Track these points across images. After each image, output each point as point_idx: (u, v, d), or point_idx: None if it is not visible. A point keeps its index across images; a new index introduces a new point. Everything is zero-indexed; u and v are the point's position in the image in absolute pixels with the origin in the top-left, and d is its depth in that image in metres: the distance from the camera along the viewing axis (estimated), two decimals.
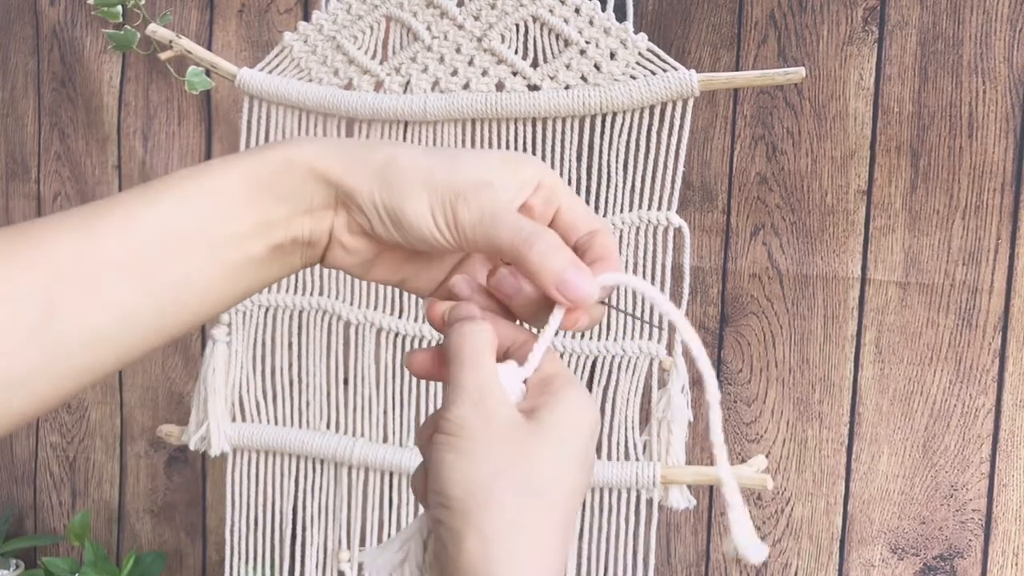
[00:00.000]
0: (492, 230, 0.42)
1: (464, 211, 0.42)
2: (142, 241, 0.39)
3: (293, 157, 0.42)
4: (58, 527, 1.33)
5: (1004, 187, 0.98)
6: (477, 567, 0.37)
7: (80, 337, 0.38)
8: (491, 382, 0.40)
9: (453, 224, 0.42)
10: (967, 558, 1.02)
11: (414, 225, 0.42)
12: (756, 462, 0.96)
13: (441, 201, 0.42)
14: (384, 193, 0.42)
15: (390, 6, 1.00)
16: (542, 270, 0.41)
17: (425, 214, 0.42)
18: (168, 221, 0.40)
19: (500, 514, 0.37)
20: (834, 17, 1.00)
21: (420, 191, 0.42)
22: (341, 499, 1.05)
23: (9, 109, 1.29)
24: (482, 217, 0.42)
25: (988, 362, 1.00)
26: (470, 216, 0.42)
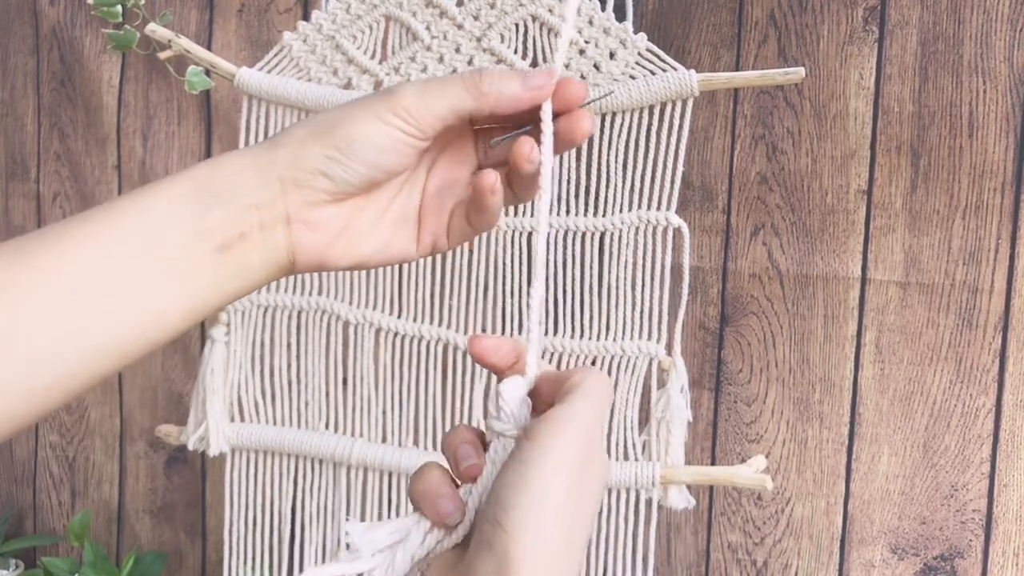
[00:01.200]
0: (441, 90, 0.44)
1: (403, 98, 0.43)
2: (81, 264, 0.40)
3: (220, 163, 0.43)
4: (58, 527, 1.33)
5: (1004, 187, 0.97)
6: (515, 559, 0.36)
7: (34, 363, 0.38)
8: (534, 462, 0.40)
9: (403, 111, 0.43)
10: (967, 558, 1.02)
11: (368, 139, 0.43)
12: (756, 462, 0.96)
13: (377, 105, 0.43)
14: (325, 138, 0.43)
15: (389, 6, 1.00)
16: (506, 85, 0.44)
17: (373, 122, 0.43)
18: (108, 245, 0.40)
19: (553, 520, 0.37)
20: (834, 17, 1.00)
21: (355, 114, 0.43)
22: (340, 499, 1.05)
23: (9, 109, 1.29)
24: (424, 89, 0.44)
25: (988, 362, 0.99)
26: (411, 97, 0.43)
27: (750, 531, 1.07)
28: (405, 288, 1.02)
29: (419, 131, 0.44)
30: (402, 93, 0.43)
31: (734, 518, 1.08)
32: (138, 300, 0.41)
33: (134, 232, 0.41)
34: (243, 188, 0.43)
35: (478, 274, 1.00)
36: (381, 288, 1.03)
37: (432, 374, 1.02)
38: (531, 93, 0.44)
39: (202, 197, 0.42)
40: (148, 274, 0.41)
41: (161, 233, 0.41)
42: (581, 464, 0.38)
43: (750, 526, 1.07)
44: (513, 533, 0.36)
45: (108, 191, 1.25)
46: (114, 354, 0.40)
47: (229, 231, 0.42)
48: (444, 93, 0.44)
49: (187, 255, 0.42)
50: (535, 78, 0.44)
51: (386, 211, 0.47)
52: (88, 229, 0.41)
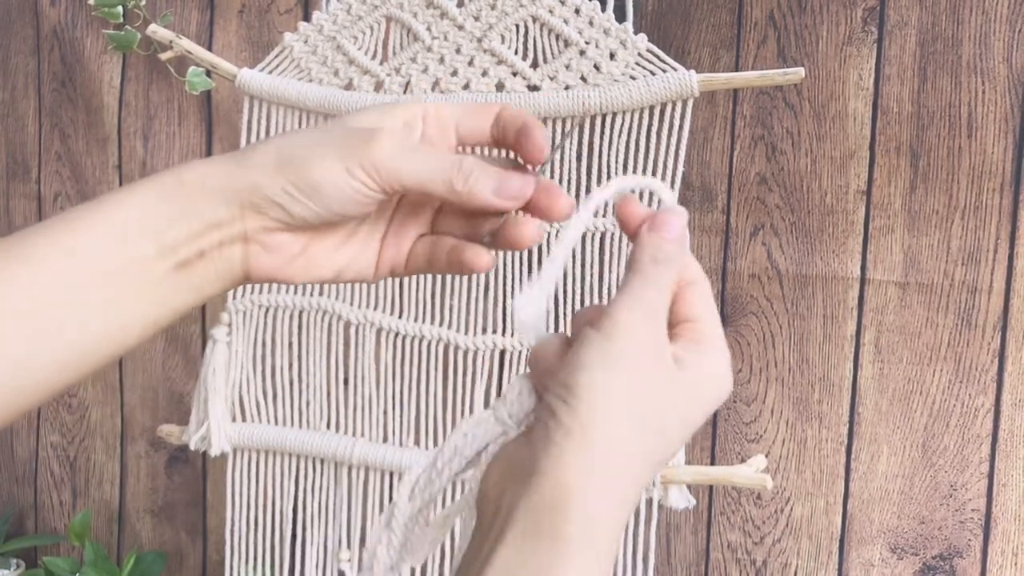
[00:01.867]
0: (414, 163, 0.42)
1: (377, 153, 0.42)
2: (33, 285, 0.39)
3: (184, 176, 0.43)
4: (59, 527, 1.34)
5: (1003, 187, 0.98)
6: (572, 481, 0.35)
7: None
8: (664, 309, 0.39)
9: (371, 167, 0.42)
10: (966, 558, 1.02)
11: (333, 186, 0.42)
12: (756, 462, 0.96)
13: (349, 152, 0.42)
14: (290, 173, 0.42)
15: (390, 7, 1.00)
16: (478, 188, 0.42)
17: (340, 171, 0.42)
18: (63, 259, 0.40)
19: (619, 444, 0.36)
20: (833, 17, 1.00)
21: (325, 154, 0.42)
22: (341, 499, 1.05)
23: (9, 109, 1.30)
24: (400, 154, 0.42)
25: (987, 362, 1.00)
26: (385, 156, 0.42)
27: (750, 531, 1.08)
28: (406, 288, 1.02)
29: (382, 191, 0.43)
30: (377, 148, 0.42)
31: (734, 518, 1.08)
32: (97, 315, 0.40)
33: (96, 247, 0.40)
34: (206, 205, 0.42)
35: (478, 274, 1.01)
36: (382, 288, 1.03)
37: (433, 374, 1.02)
38: (502, 202, 0.43)
39: (166, 212, 0.42)
40: (108, 289, 0.40)
41: (122, 248, 0.41)
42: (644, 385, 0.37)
43: (750, 526, 1.08)
44: (574, 405, 0.36)
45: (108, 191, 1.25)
46: (70, 368, 0.40)
47: (189, 249, 0.42)
48: (419, 168, 0.43)
49: (147, 271, 0.41)
50: (511, 187, 0.43)
51: (347, 240, 0.46)
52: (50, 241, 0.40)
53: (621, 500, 0.36)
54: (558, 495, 0.35)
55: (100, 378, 1.28)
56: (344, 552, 1.05)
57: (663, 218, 0.41)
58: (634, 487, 0.37)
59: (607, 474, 0.35)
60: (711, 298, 0.41)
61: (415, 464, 1.01)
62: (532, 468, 0.36)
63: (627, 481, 0.36)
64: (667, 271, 0.39)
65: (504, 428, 0.41)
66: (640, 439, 0.37)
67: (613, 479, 0.36)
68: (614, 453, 0.36)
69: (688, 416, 0.38)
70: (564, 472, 0.35)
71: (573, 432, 0.36)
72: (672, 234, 0.40)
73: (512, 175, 0.43)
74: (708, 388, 0.39)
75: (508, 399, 0.41)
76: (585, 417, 0.36)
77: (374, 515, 1.04)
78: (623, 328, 0.37)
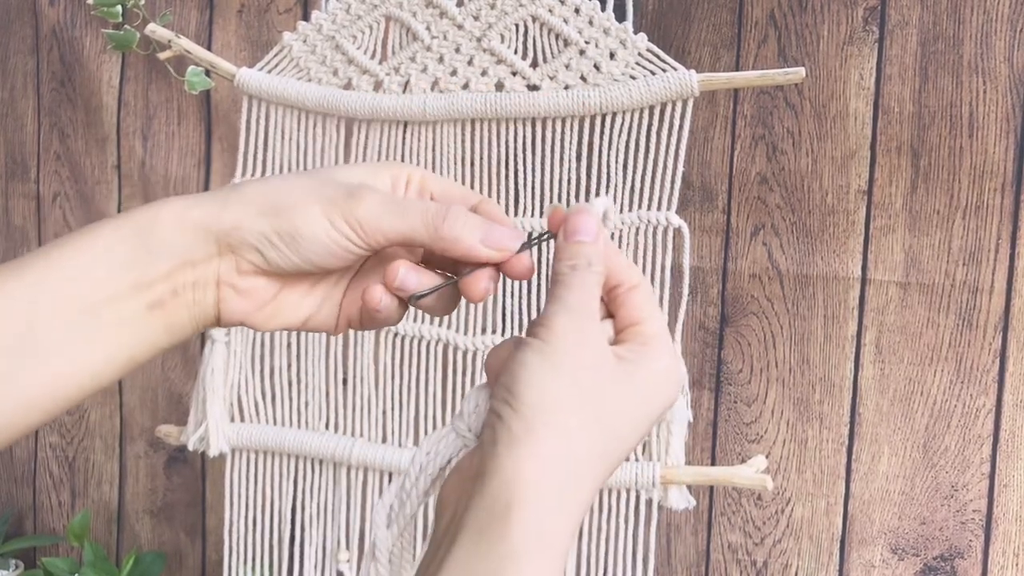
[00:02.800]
0: (399, 218, 0.42)
1: (361, 208, 0.42)
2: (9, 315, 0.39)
3: (161, 212, 0.42)
4: (58, 527, 1.33)
5: (1004, 187, 0.97)
6: (530, 481, 0.35)
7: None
8: (594, 310, 0.40)
9: (355, 222, 0.42)
10: (967, 558, 1.02)
11: (313, 238, 0.42)
12: (756, 462, 0.96)
13: (333, 205, 0.42)
14: (273, 219, 0.42)
15: (389, 6, 1.00)
16: (463, 237, 0.43)
17: (322, 223, 0.42)
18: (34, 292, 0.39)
19: (565, 440, 0.36)
20: (834, 17, 1.00)
21: (309, 204, 0.42)
22: (340, 499, 1.05)
23: (9, 109, 1.29)
24: (384, 208, 0.42)
25: (988, 362, 0.99)
26: (369, 211, 0.42)
27: (750, 531, 1.07)
28: None
29: (365, 245, 0.43)
30: (362, 204, 0.42)
31: (734, 518, 1.08)
32: (69, 355, 0.40)
33: (70, 282, 0.40)
34: (182, 242, 0.42)
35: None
36: None
37: (432, 374, 1.02)
38: (487, 252, 0.43)
39: (144, 247, 0.41)
40: (81, 329, 0.40)
41: (98, 284, 0.40)
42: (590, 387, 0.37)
43: (750, 526, 1.07)
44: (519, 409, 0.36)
45: (108, 191, 1.25)
46: (39, 409, 0.40)
47: (164, 287, 0.42)
48: (403, 219, 0.43)
49: (122, 308, 0.41)
50: (499, 237, 0.43)
51: (313, 289, 0.46)
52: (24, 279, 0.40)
53: (575, 500, 0.36)
54: (506, 497, 0.35)
55: None
56: (343, 552, 1.05)
57: (573, 223, 0.42)
58: (587, 486, 0.37)
59: (557, 474, 0.36)
60: (654, 299, 0.42)
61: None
62: (481, 471, 0.36)
63: (580, 480, 0.36)
64: (588, 274, 0.40)
65: (464, 441, 0.41)
66: (590, 438, 0.37)
67: (564, 479, 0.36)
68: (563, 453, 0.36)
69: (638, 415, 0.39)
70: (512, 473, 0.35)
71: (518, 434, 0.36)
72: (586, 236, 0.41)
73: (497, 226, 0.43)
74: (656, 386, 0.39)
75: (465, 412, 0.41)
76: (530, 418, 0.36)
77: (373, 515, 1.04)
78: (558, 332, 0.38)
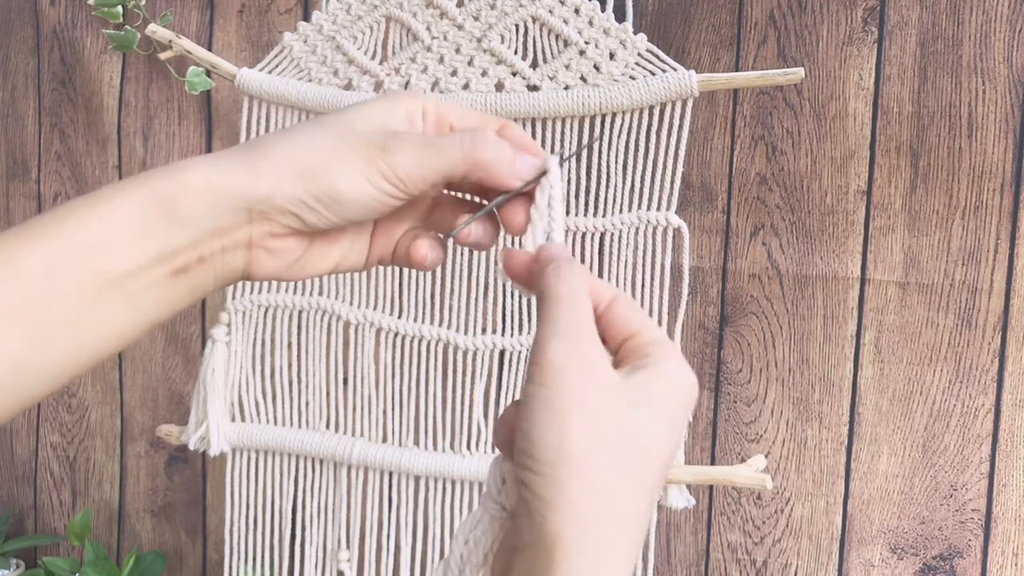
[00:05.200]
0: (437, 158, 0.42)
1: (399, 161, 0.42)
2: (25, 286, 0.37)
3: (187, 180, 0.40)
4: (58, 527, 1.34)
5: (1004, 187, 0.98)
6: (567, 539, 0.34)
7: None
8: (588, 322, 0.38)
9: (394, 176, 0.42)
10: (967, 558, 1.02)
11: (354, 197, 0.42)
12: (755, 462, 0.96)
13: (370, 164, 0.42)
14: (309, 183, 0.41)
15: (390, 6, 1.00)
16: (499, 166, 0.43)
17: (361, 182, 0.42)
18: (55, 262, 0.38)
19: (594, 484, 0.34)
20: (834, 17, 1.00)
21: (344, 164, 0.41)
22: (340, 499, 1.05)
23: (9, 109, 1.30)
24: (420, 154, 0.42)
25: (988, 362, 1.00)
26: (406, 160, 0.42)
27: (750, 531, 1.08)
28: (405, 288, 1.02)
29: (406, 195, 0.43)
30: (398, 156, 0.42)
31: (734, 518, 1.08)
32: (92, 325, 0.39)
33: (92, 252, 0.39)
34: (210, 213, 0.40)
35: (478, 274, 1.01)
36: (381, 288, 1.03)
37: (432, 374, 1.02)
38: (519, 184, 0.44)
39: (168, 218, 0.40)
40: (102, 301, 0.39)
41: (117, 253, 0.39)
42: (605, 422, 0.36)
43: (750, 526, 1.08)
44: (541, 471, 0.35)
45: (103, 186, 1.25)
46: (60, 373, 0.39)
47: (189, 256, 0.41)
48: (440, 158, 0.42)
49: (143, 276, 0.40)
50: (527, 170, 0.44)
51: (341, 236, 0.46)
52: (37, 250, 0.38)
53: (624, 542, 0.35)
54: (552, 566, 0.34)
55: (100, 378, 1.28)
56: (343, 552, 1.05)
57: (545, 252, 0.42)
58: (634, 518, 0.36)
59: (599, 526, 0.34)
60: (638, 307, 0.41)
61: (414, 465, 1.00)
62: (519, 544, 0.35)
63: (625, 519, 0.35)
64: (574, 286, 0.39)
65: (501, 520, 0.40)
66: (623, 474, 0.35)
67: (608, 527, 0.35)
68: (599, 502, 0.35)
69: (665, 430, 0.37)
70: (552, 540, 0.34)
71: (548, 498, 0.35)
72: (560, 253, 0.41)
73: (525, 156, 0.44)
74: (673, 394, 0.38)
75: (493, 488, 0.40)
76: (554, 478, 0.35)
77: (373, 515, 1.04)
78: (556, 368, 0.36)
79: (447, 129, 0.45)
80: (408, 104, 0.44)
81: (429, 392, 1.02)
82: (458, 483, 1.01)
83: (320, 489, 1.06)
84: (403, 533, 1.04)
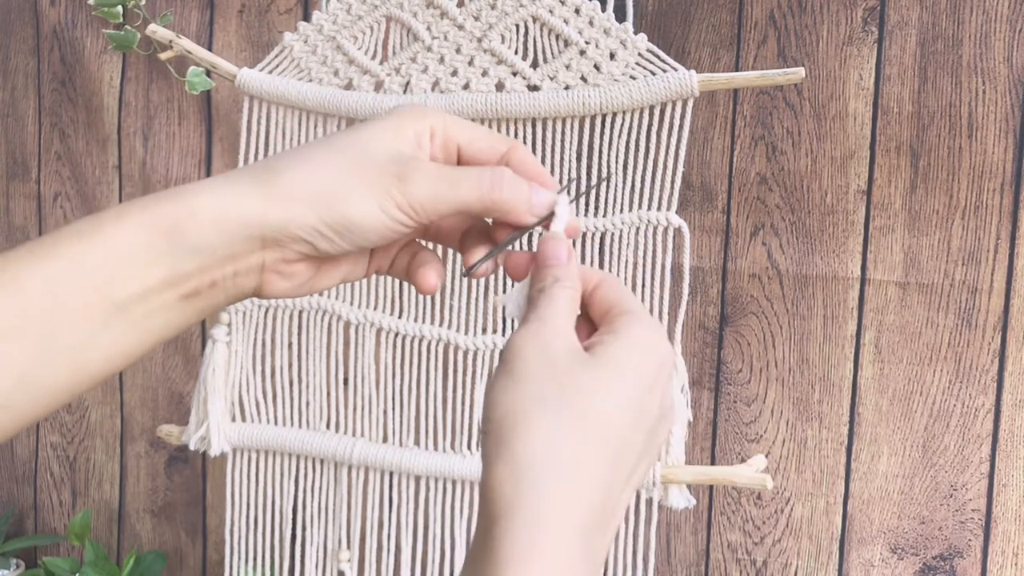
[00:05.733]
0: (453, 195, 0.42)
1: (414, 191, 0.42)
2: (28, 304, 0.37)
3: (196, 207, 0.40)
4: (58, 527, 1.34)
5: (1004, 187, 0.98)
6: (506, 493, 0.34)
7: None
8: (557, 317, 0.39)
9: (408, 207, 0.42)
10: (967, 558, 1.02)
11: (367, 227, 0.42)
12: (756, 462, 0.96)
13: (386, 194, 0.41)
14: (324, 212, 0.41)
15: (390, 6, 1.00)
16: (516, 205, 0.43)
17: (375, 211, 0.41)
18: (59, 283, 0.37)
19: (533, 436, 0.35)
20: (834, 17, 1.00)
21: (358, 193, 0.41)
22: (341, 499, 1.05)
23: (9, 109, 1.30)
24: (436, 188, 0.42)
25: (988, 362, 1.00)
26: (422, 191, 0.42)
27: (750, 531, 1.08)
28: (406, 288, 1.02)
29: (418, 224, 0.43)
30: (413, 185, 0.42)
31: (734, 518, 1.08)
32: (98, 347, 0.39)
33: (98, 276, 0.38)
34: (223, 243, 0.40)
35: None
36: (382, 288, 1.03)
37: (433, 374, 1.02)
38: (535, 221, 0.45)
39: (177, 245, 0.39)
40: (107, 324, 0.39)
41: (123, 284, 0.39)
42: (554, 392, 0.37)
43: (750, 526, 1.08)
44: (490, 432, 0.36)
45: (109, 191, 1.25)
46: (63, 391, 0.39)
47: (200, 281, 0.40)
48: (456, 195, 0.42)
49: (150, 304, 0.39)
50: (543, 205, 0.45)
51: (348, 257, 0.46)
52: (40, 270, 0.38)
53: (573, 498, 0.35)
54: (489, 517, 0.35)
55: None
56: (344, 552, 1.05)
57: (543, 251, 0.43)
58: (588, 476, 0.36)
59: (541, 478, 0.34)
60: (621, 285, 0.42)
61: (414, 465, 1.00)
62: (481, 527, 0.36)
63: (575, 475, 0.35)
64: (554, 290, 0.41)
65: None
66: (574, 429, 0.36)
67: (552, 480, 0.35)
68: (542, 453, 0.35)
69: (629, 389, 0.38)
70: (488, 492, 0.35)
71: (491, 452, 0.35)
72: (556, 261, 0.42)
73: (540, 191, 0.44)
74: (631, 355, 0.38)
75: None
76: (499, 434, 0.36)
77: (374, 515, 1.04)
78: (517, 345, 0.38)
79: (454, 150, 0.45)
80: (416, 126, 0.44)
81: (429, 392, 1.02)
82: (458, 483, 1.01)
83: (321, 489, 1.06)
84: (404, 533, 1.04)
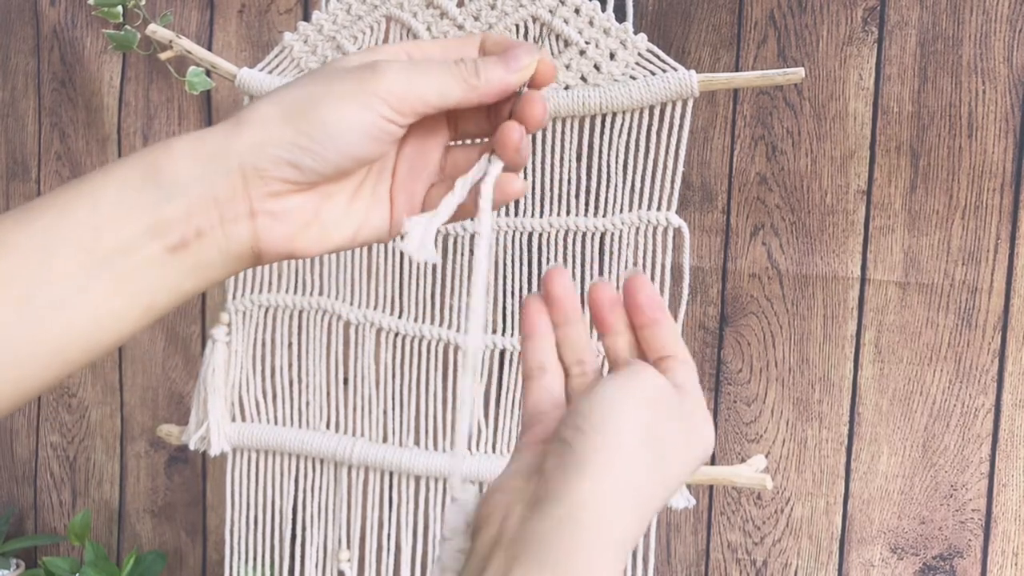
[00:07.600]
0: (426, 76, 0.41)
1: (388, 80, 0.40)
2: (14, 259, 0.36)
3: (172, 144, 0.39)
4: (58, 527, 1.34)
5: (1004, 187, 0.98)
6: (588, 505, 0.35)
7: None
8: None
9: (388, 95, 0.40)
10: (967, 558, 1.02)
11: (348, 127, 0.40)
12: (755, 462, 0.96)
13: (360, 85, 0.40)
14: (299, 121, 0.39)
15: (390, 6, 1.00)
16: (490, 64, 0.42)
17: (356, 109, 0.40)
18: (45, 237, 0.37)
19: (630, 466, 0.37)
20: (834, 17, 1.00)
21: (335, 95, 0.40)
22: (341, 499, 1.05)
23: (9, 109, 1.30)
24: (408, 75, 0.41)
25: (988, 362, 1.00)
26: (396, 80, 0.40)
27: (750, 531, 1.08)
28: (406, 288, 1.02)
29: (400, 116, 0.41)
30: (385, 74, 0.40)
31: (734, 518, 1.08)
32: (83, 305, 0.37)
33: (77, 230, 0.37)
34: (200, 178, 0.38)
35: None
36: (382, 288, 1.03)
37: (433, 374, 1.02)
38: (517, 75, 0.42)
39: (155, 186, 0.38)
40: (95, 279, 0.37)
41: (106, 231, 0.37)
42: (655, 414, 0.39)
43: (750, 526, 1.08)
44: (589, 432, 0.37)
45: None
46: (53, 354, 0.37)
47: (186, 228, 0.38)
48: (431, 79, 0.41)
49: (136, 254, 0.38)
50: (518, 59, 0.42)
51: (356, 195, 0.44)
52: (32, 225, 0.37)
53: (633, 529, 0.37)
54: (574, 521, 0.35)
55: (100, 378, 1.28)
56: (344, 552, 1.05)
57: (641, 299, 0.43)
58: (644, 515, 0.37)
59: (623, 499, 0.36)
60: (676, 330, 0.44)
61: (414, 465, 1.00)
62: (542, 495, 0.36)
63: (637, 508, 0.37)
64: None
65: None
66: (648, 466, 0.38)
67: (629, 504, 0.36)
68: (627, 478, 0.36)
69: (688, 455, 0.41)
70: (579, 497, 0.35)
71: (586, 455, 0.36)
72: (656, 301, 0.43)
73: (511, 48, 0.43)
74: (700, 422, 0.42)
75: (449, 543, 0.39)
76: (598, 441, 0.37)
77: (374, 515, 1.04)
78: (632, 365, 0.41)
79: None
80: (390, 49, 0.43)
81: (429, 392, 1.02)
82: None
83: (320, 489, 1.06)
84: (403, 533, 1.04)
